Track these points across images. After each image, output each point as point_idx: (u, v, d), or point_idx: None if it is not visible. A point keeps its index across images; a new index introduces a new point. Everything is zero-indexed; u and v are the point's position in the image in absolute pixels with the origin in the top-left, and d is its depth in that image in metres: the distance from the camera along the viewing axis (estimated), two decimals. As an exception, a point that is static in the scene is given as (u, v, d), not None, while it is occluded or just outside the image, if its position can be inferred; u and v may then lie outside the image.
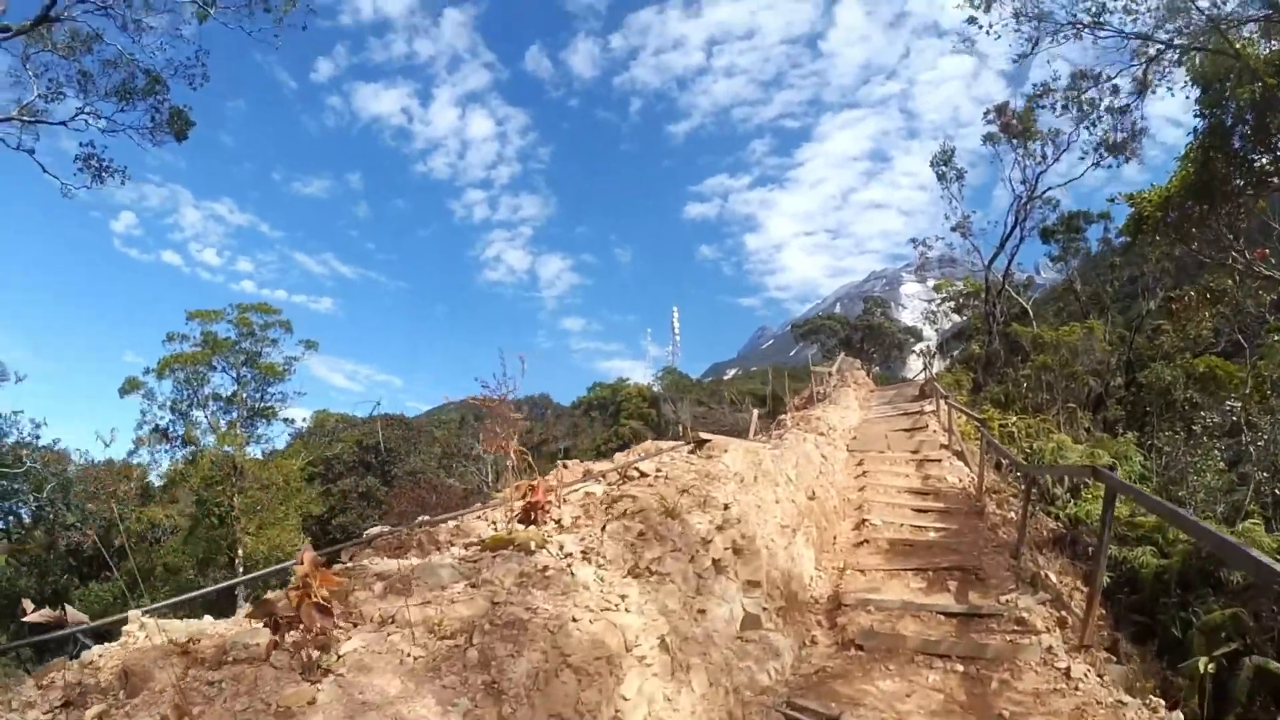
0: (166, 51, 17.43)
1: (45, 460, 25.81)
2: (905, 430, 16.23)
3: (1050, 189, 30.56)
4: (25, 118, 16.96)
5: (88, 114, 17.73)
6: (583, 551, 4.21)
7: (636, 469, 7.18)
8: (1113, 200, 18.02)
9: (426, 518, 5.08)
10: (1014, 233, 30.28)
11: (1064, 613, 6.64)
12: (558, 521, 4.62)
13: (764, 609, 6.25)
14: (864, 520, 9.69)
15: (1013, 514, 11.16)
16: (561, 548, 4.16)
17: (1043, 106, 26.53)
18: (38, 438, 25.32)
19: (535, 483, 4.72)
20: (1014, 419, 19.22)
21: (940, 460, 13.11)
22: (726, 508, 6.59)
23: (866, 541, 8.95)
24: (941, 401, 17.27)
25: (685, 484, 6.81)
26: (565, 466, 7.84)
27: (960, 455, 13.88)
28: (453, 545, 4.46)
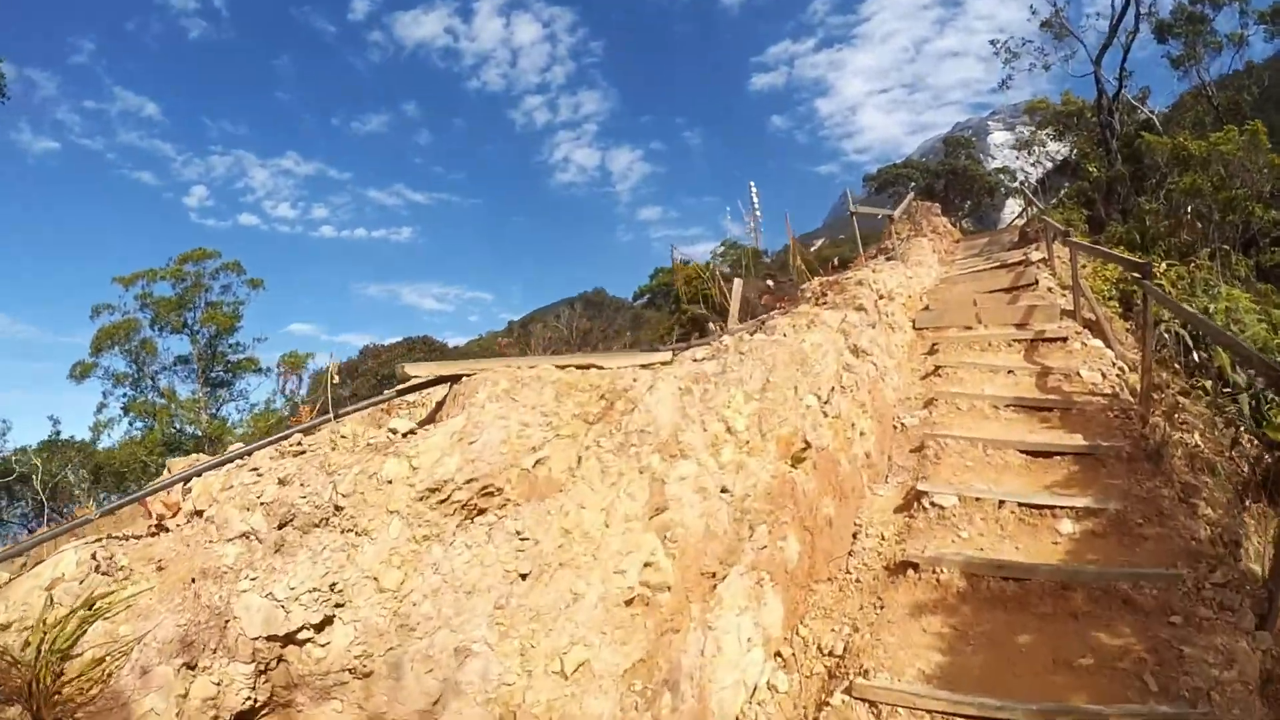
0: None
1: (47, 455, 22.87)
2: (1004, 291, 10.64)
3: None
4: None
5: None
6: None
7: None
8: None
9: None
10: (1126, 11, 22.67)
11: None
12: None
13: None
14: (919, 494, 4.51)
15: (1197, 438, 5.91)
16: None
17: None
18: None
19: None
20: (1161, 267, 13.28)
21: (1065, 340, 7.65)
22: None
23: (914, 568, 3.81)
24: (1058, 243, 11.50)
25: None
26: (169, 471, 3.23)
27: (1094, 327, 8.36)
28: None
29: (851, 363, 5.96)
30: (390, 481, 2.66)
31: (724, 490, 3.49)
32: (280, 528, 2.66)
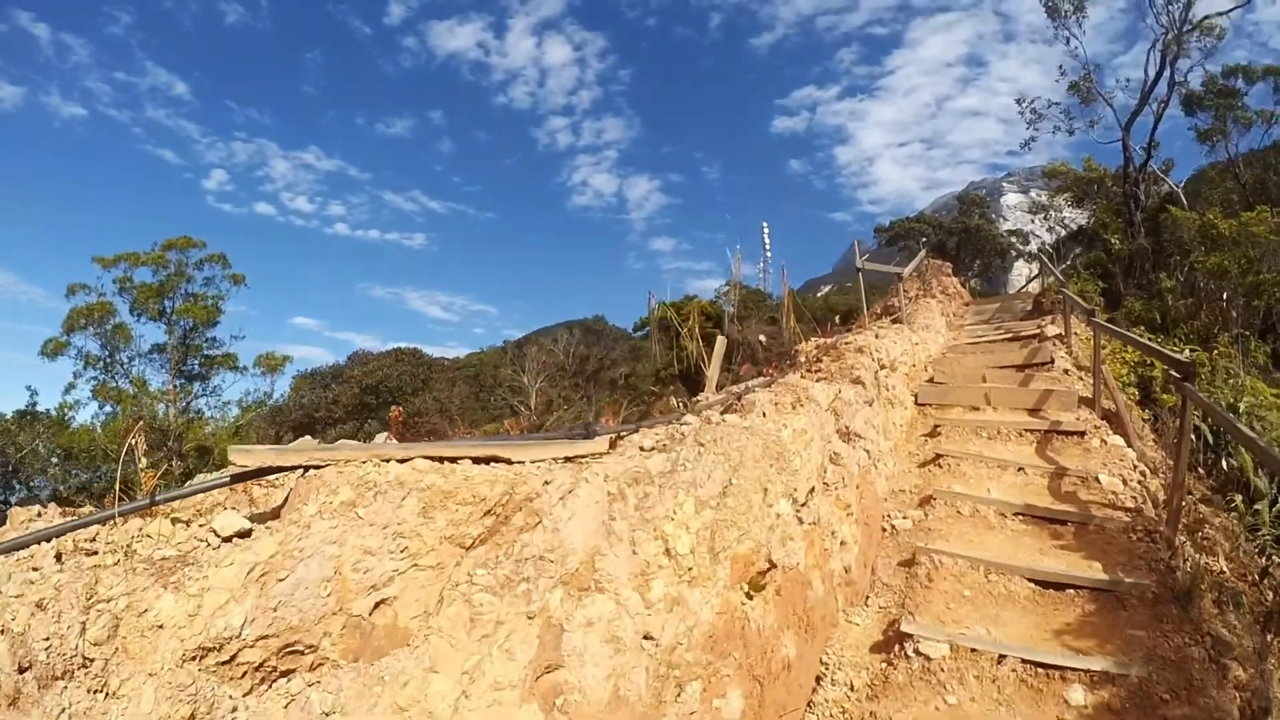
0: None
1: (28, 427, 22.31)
2: (1016, 368, 9.84)
3: (1208, 17, 21.93)
4: None
5: None
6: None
7: None
8: None
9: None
10: (1158, 83, 22.04)
11: None
12: None
13: None
14: (902, 636, 3.70)
15: (1222, 562, 5.22)
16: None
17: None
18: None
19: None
20: (1185, 352, 12.52)
21: (1083, 434, 6.86)
22: None
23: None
24: (1075, 317, 10.74)
25: None
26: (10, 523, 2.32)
27: (1113, 419, 7.60)
28: None
29: (840, 451, 5.19)
30: (161, 627, 1.90)
31: (648, 638, 2.70)
32: (21, 672, 1.89)
